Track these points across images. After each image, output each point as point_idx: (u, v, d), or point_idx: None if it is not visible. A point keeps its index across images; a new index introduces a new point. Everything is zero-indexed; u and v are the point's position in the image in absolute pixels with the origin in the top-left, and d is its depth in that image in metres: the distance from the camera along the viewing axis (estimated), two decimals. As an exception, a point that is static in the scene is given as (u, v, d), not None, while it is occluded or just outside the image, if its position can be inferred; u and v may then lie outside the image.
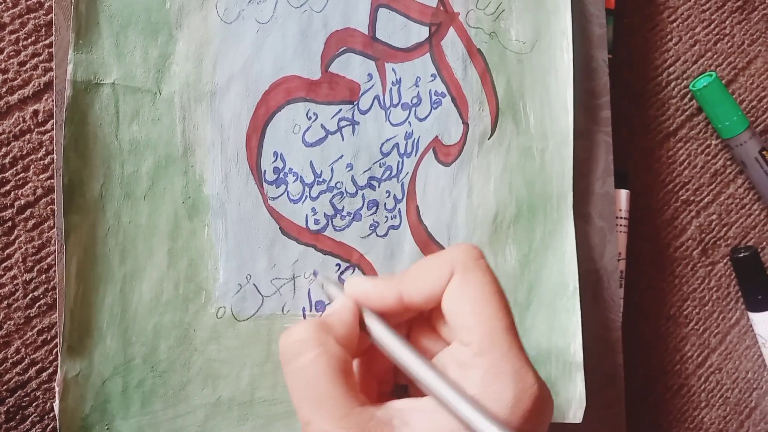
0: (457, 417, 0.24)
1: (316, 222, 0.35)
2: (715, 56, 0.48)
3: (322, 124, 0.35)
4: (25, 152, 0.33)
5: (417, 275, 0.27)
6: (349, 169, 0.35)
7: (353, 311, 0.27)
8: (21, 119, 0.33)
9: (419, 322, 0.29)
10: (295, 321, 0.34)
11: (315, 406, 0.24)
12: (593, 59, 0.41)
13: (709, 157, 0.48)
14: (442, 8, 0.37)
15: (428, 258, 0.28)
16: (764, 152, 0.46)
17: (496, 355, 0.25)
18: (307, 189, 0.35)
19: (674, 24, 0.47)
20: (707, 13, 0.48)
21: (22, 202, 0.33)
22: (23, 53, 0.32)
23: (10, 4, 0.32)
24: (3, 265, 0.33)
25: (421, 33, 0.37)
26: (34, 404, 0.33)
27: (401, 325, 0.29)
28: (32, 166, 0.33)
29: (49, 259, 0.33)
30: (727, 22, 0.48)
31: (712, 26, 0.48)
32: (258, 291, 0.34)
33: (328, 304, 0.31)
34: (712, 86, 0.46)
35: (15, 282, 0.33)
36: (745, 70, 0.49)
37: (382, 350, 0.27)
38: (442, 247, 0.37)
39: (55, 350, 0.33)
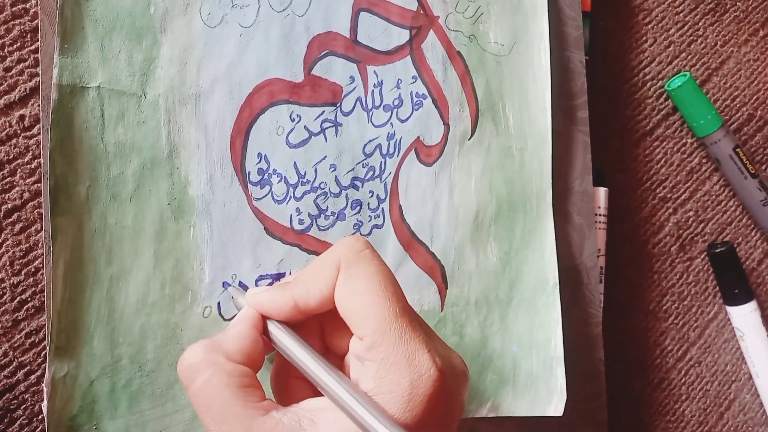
0: (351, 417, 0.24)
1: (301, 222, 0.35)
2: (689, 57, 0.49)
3: (305, 126, 0.35)
4: (11, 157, 0.33)
5: (306, 279, 0.27)
6: (332, 169, 0.36)
7: (250, 322, 0.28)
8: (7, 124, 0.33)
9: (331, 318, 0.28)
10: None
11: (217, 424, 0.25)
12: (570, 61, 0.42)
13: (685, 155, 0.49)
14: (422, 12, 0.38)
15: (316, 260, 0.28)
16: (738, 150, 0.47)
17: (388, 345, 0.25)
18: (291, 189, 0.35)
19: (649, 26, 0.48)
20: (681, 15, 0.49)
21: (9, 206, 0.33)
22: (9, 59, 0.33)
23: (-5, 11, 0.33)
24: (-10, 268, 0.33)
25: (402, 36, 0.37)
26: (22, 407, 0.33)
27: (313, 324, 0.29)
28: (19, 170, 0.33)
29: (37, 262, 0.33)
30: (700, 24, 0.49)
31: (686, 28, 0.49)
32: (244, 290, 0.34)
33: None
34: (686, 86, 0.47)
35: (2, 285, 0.33)
36: (719, 70, 0.50)
37: (284, 355, 0.28)
38: (425, 245, 0.38)
39: (43, 353, 0.33)
